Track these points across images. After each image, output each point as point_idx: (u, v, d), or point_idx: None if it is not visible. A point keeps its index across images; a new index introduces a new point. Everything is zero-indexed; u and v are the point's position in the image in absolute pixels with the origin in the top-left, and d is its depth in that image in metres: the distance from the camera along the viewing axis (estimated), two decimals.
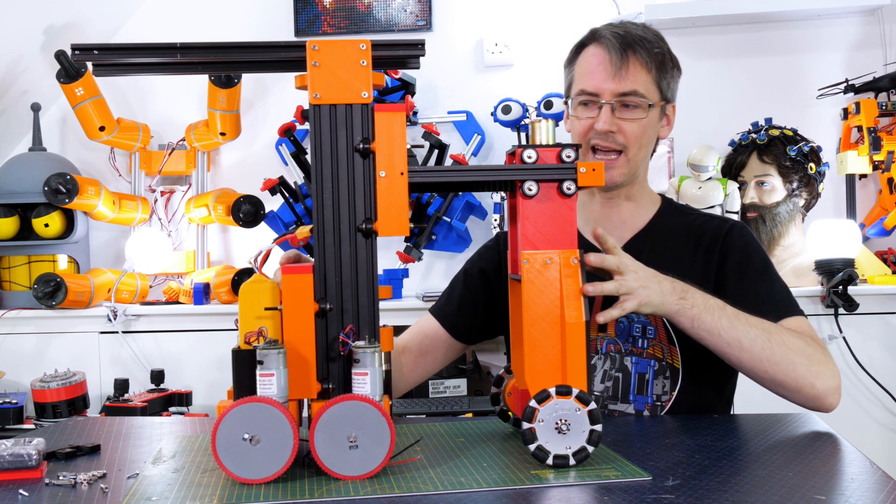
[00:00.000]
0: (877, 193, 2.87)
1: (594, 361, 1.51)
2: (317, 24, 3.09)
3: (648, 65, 1.48)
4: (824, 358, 1.36)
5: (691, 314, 1.31)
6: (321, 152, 1.11)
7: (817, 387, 1.33)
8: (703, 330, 1.32)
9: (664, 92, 1.52)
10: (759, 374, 1.35)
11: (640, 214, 1.58)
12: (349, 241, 1.11)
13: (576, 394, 1.08)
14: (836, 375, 1.36)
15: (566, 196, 1.14)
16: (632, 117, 1.48)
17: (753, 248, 1.52)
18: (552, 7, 3.01)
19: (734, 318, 1.33)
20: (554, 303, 1.12)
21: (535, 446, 1.08)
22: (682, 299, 1.31)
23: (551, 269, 1.13)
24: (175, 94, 3.12)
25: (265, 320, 1.08)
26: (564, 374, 1.11)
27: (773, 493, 0.96)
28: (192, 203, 2.97)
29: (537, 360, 1.12)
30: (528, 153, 1.14)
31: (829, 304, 2.50)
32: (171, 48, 1.14)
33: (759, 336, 1.33)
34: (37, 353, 2.73)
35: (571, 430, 1.07)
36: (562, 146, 1.14)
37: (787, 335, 1.35)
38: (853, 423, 2.51)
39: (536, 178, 1.13)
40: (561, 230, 1.14)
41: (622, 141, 1.49)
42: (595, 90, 1.49)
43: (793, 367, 1.33)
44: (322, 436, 1.03)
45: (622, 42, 1.47)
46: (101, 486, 1.05)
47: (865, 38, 2.92)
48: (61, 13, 2.88)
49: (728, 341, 1.32)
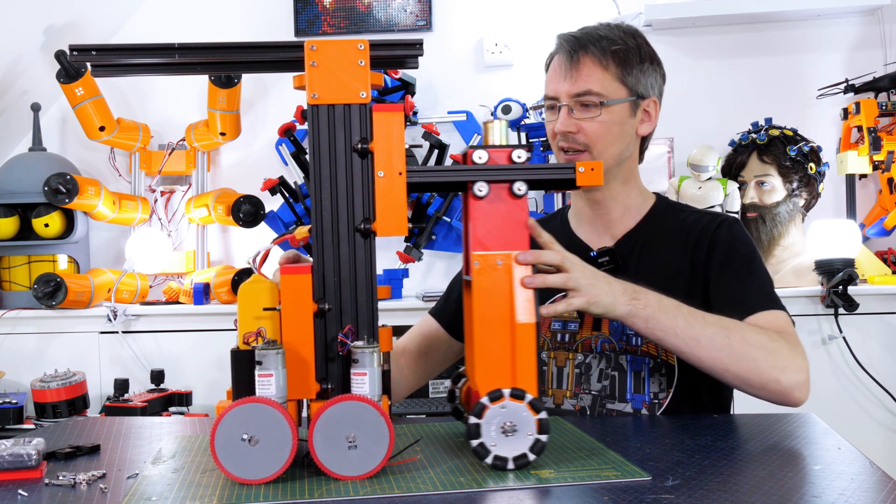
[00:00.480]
0: (877, 193, 2.87)
1: (589, 360, 1.52)
2: (317, 24, 3.09)
3: (604, 61, 1.49)
4: (790, 353, 1.34)
5: (645, 314, 1.28)
6: (319, 152, 1.11)
7: (782, 382, 1.32)
8: (658, 330, 1.30)
9: (632, 87, 1.51)
10: (720, 371, 1.33)
11: (631, 214, 1.57)
12: (348, 241, 1.11)
13: (529, 399, 1.06)
14: (803, 370, 1.34)
15: (517, 197, 1.13)
16: (589, 116, 1.49)
17: (740, 242, 1.51)
18: (552, 7, 3.02)
19: (690, 317, 1.31)
20: (504, 304, 1.11)
21: (477, 443, 1.06)
22: (633, 300, 1.28)
23: (502, 271, 1.12)
24: (175, 94, 3.13)
25: (264, 321, 1.08)
26: (514, 376, 1.10)
27: (773, 493, 0.96)
28: (192, 203, 2.97)
29: (487, 362, 1.11)
30: (479, 154, 1.13)
31: (829, 304, 2.50)
32: (170, 49, 1.14)
33: (718, 333, 1.31)
34: (37, 353, 2.73)
35: (517, 435, 1.06)
36: (513, 147, 1.14)
37: (748, 331, 1.34)
38: (853, 423, 2.51)
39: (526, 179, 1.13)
40: (512, 231, 1.13)
41: (583, 140, 1.50)
42: (553, 94, 1.53)
43: (755, 364, 1.31)
44: (321, 436, 1.03)
45: (573, 44, 1.51)
46: (101, 486, 1.05)
47: (865, 38, 2.92)
48: (61, 13, 2.88)
49: (685, 340, 1.30)
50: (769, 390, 1.33)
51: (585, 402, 1.51)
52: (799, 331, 2.63)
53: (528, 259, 1.14)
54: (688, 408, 1.48)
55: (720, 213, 1.60)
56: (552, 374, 1.54)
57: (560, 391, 1.53)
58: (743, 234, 1.53)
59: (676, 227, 1.55)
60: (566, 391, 1.53)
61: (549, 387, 1.54)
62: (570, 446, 1.18)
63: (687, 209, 1.61)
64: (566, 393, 1.53)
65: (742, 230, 1.54)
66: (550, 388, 1.54)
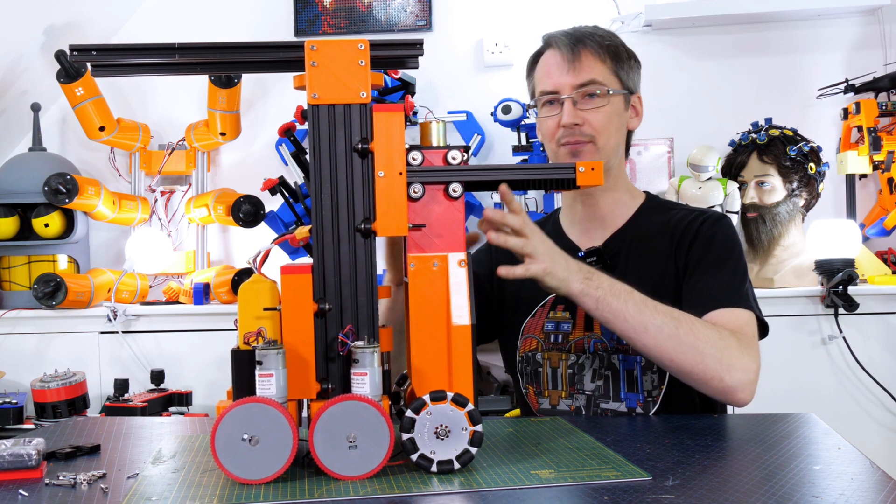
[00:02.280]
0: (877, 193, 2.87)
1: (582, 361, 1.52)
2: (317, 24, 3.09)
3: (602, 55, 1.52)
4: (739, 352, 1.33)
5: (596, 295, 1.29)
6: (320, 152, 1.11)
7: (726, 380, 1.31)
8: (608, 312, 1.31)
9: (624, 81, 1.55)
10: (665, 361, 1.33)
11: (620, 211, 1.58)
12: (348, 241, 1.11)
13: (451, 397, 1.06)
14: (750, 371, 1.33)
15: (453, 198, 1.13)
16: (594, 106, 1.51)
17: (720, 238, 1.50)
18: (552, 7, 3.01)
19: (641, 304, 1.32)
20: (441, 306, 1.11)
21: (417, 455, 1.06)
22: (587, 279, 1.29)
23: (438, 273, 1.12)
24: (175, 94, 3.12)
25: (264, 320, 1.08)
26: (451, 378, 1.10)
27: (773, 493, 0.96)
28: (192, 203, 2.97)
29: (424, 364, 1.11)
30: (413, 155, 1.13)
31: (829, 304, 2.50)
32: (170, 49, 1.14)
33: (667, 323, 1.31)
34: (37, 353, 2.73)
35: (452, 434, 1.06)
36: (449, 148, 1.14)
37: (698, 325, 1.34)
38: (853, 423, 2.51)
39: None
40: (448, 232, 1.13)
41: (589, 132, 1.51)
42: (554, 88, 1.53)
43: (700, 358, 1.31)
44: (321, 436, 1.03)
45: (571, 39, 1.53)
46: (101, 486, 1.05)
47: (865, 38, 2.92)
48: (61, 13, 2.88)
49: (633, 326, 1.31)
50: (712, 387, 1.33)
51: (580, 403, 1.51)
52: (799, 331, 2.64)
53: (494, 217, 1.18)
54: (681, 402, 1.48)
55: (709, 210, 1.59)
56: (547, 375, 1.54)
57: (556, 392, 1.53)
58: (726, 229, 1.53)
59: (664, 225, 1.55)
60: (561, 392, 1.53)
61: (545, 388, 1.54)
62: (570, 446, 1.18)
63: (676, 207, 1.61)
64: (561, 394, 1.53)
65: (725, 226, 1.53)
66: (546, 389, 1.54)
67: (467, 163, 1.15)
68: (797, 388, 2.49)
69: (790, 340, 2.52)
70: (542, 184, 1.19)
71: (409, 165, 1.12)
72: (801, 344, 2.53)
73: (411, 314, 1.12)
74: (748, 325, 1.41)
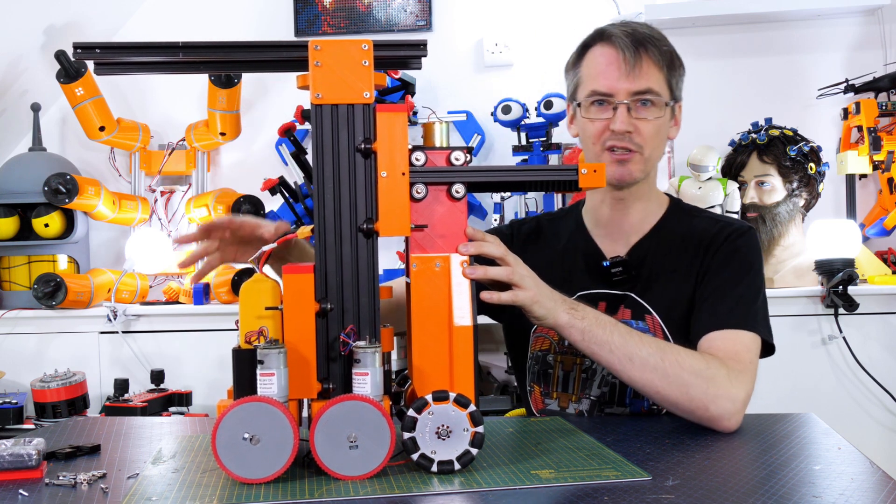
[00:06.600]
0: (877, 193, 2.87)
1: (594, 366, 1.50)
2: (317, 24, 3.09)
3: (660, 63, 1.46)
4: (726, 382, 1.30)
5: (581, 326, 1.27)
6: (322, 152, 1.11)
7: (711, 410, 1.29)
8: (594, 344, 1.28)
9: (674, 91, 1.50)
10: (651, 393, 1.31)
11: (647, 218, 1.56)
12: (350, 241, 1.11)
13: (453, 398, 1.06)
14: (738, 400, 1.30)
15: (455, 199, 1.13)
16: (647, 116, 1.46)
17: (742, 254, 1.47)
18: (552, 7, 3.02)
19: (626, 336, 1.30)
20: (443, 307, 1.11)
21: (418, 455, 1.06)
22: (573, 309, 1.27)
23: (440, 273, 1.12)
24: (175, 94, 3.13)
25: (266, 320, 1.08)
26: (452, 379, 1.10)
27: (772, 493, 0.96)
28: (192, 203, 2.97)
29: (425, 364, 1.11)
30: (417, 155, 1.13)
31: (829, 304, 2.50)
32: (174, 47, 1.14)
33: (652, 355, 1.30)
34: (37, 353, 2.73)
35: (453, 435, 1.06)
36: (452, 149, 1.14)
37: (683, 355, 1.32)
38: (853, 423, 2.51)
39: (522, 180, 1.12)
40: (451, 233, 1.13)
41: (639, 141, 1.47)
42: (609, 90, 1.46)
43: (685, 389, 1.29)
44: (322, 436, 1.03)
45: (633, 40, 1.45)
46: (101, 486, 1.05)
47: (865, 38, 2.92)
48: (61, 13, 2.88)
49: (619, 357, 1.29)
50: (698, 416, 1.30)
51: (584, 407, 1.51)
52: (799, 331, 2.64)
53: (470, 250, 1.14)
54: None
55: (735, 220, 1.54)
56: (558, 377, 1.53)
57: (566, 395, 1.53)
58: (750, 245, 1.49)
59: (688, 232, 1.53)
60: (572, 395, 1.52)
61: (554, 390, 1.54)
62: (571, 446, 1.18)
63: (699, 213, 1.58)
64: (572, 397, 1.52)
65: (749, 240, 1.50)
66: (555, 392, 1.54)
67: (469, 164, 1.15)
68: (797, 388, 2.50)
69: (790, 340, 2.52)
70: (545, 185, 1.19)
71: (412, 166, 1.12)
72: (801, 344, 2.53)
73: (413, 315, 1.12)
74: (747, 349, 1.38)
